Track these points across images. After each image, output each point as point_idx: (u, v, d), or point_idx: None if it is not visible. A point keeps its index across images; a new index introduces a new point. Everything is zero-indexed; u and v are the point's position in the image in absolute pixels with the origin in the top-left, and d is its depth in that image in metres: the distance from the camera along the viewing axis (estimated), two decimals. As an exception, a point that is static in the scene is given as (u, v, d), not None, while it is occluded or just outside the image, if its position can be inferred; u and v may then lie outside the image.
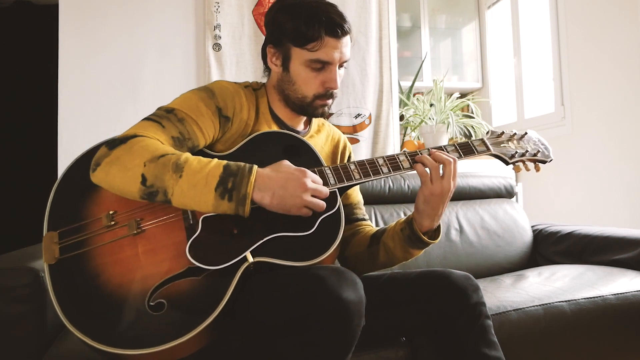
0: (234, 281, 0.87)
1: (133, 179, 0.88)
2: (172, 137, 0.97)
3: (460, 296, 1.03)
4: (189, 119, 1.00)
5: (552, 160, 1.18)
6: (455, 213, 1.85)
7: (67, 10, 2.27)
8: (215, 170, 0.89)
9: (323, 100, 1.09)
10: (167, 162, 0.89)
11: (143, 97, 2.32)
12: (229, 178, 0.88)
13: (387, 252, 1.14)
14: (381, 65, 2.63)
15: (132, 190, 0.89)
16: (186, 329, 0.83)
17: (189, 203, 0.89)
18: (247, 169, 0.90)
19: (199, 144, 1.01)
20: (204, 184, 0.88)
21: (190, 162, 0.89)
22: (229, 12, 2.43)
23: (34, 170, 3.09)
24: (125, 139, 0.92)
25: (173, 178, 0.87)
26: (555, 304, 1.25)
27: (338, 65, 1.07)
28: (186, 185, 0.87)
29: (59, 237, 0.93)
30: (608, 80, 2.39)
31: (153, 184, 0.88)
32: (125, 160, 0.89)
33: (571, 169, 2.57)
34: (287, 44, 1.06)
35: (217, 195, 0.87)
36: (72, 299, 0.88)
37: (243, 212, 0.88)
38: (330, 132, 1.26)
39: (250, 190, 0.88)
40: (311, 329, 0.82)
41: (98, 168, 0.91)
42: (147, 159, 0.89)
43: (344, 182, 1.01)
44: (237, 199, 0.87)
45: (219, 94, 1.05)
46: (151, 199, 0.89)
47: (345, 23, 1.05)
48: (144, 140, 0.92)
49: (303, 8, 1.04)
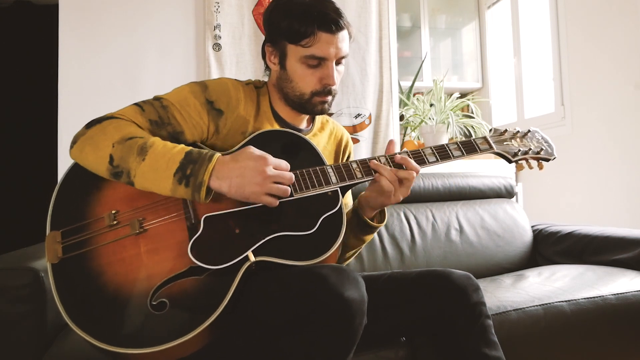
0: (235, 280, 0.88)
1: (102, 158, 0.93)
2: (150, 119, 1.00)
3: (461, 296, 1.03)
4: (173, 107, 1.02)
5: (555, 158, 1.18)
6: (455, 213, 1.85)
7: (67, 10, 2.27)
8: (177, 155, 0.91)
9: (321, 97, 1.09)
10: (134, 145, 0.92)
11: (143, 97, 2.27)
12: (188, 164, 0.90)
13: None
14: (381, 65, 2.63)
15: (101, 169, 0.93)
16: (188, 328, 0.83)
17: (149, 186, 0.91)
18: (207, 157, 0.91)
19: (182, 130, 1.02)
20: (165, 168, 0.90)
21: (155, 146, 0.92)
22: (229, 12, 2.44)
23: (34, 170, 3.09)
24: (101, 119, 0.98)
25: (137, 160, 0.91)
26: (555, 304, 1.25)
27: (335, 61, 1.07)
28: (147, 168, 0.90)
29: (62, 236, 0.93)
30: (608, 80, 2.39)
31: (119, 164, 0.91)
32: (98, 139, 0.94)
33: (571, 169, 2.57)
34: (282, 42, 1.07)
35: (175, 181, 0.89)
36: (75, 298, 0.88)
37: (199, 198, 0.90)
38: (334, 129, 1.26)
39: (207, 178, 0.89)
40: (313, 328, 0.82)
41: (74, 145, 0.96)
42: (116, 140, 0.93)
43: (346, 181, 1.01)
44: (193, 185, 0.89)
45: (212, 88, 1.06)
46: (117, 178, 0.93)
47: (341, 18, 1.04)
48: (118, 122, 0.97)
49: (297, 5, 1.04)
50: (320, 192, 0.99)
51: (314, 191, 0.99)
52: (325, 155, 1.18)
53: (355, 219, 1.13)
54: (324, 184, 1.00)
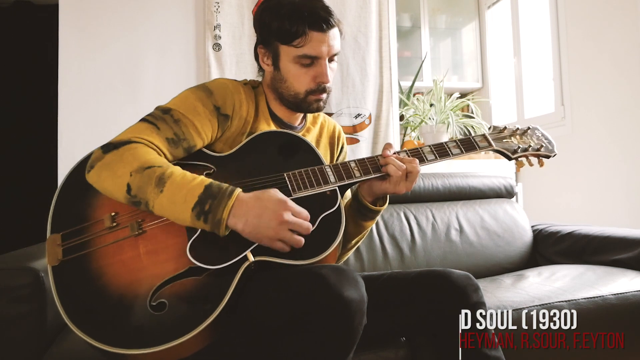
0: (234, 280, 0.88)
1: (120, 186, 0.90)
2: (167, 138, 0.98)
3: (460, 296, 1.03)
4: (185, 119, 1.00)
5: (556, 154, 1.17)
6: (455, 213, 1.85)
7: (67, 10, 2.27)
8: (196, 189, 0.89)
9: (316, 95, 1.09)
10: (152, 175, 0.90)
11: (143, 97, 2.32)
12: (207, 200, 0.88)
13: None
14: (381, 65, 2.63)
15: (119, 196, 0.92)
16: (188, 329, 0.83)
17: (168, 216, 0.91)
18: (227, 193, 0.89)
19: (195, 144, 1.01)
20: (183, 202, 0.88)
21: (174, 178, 0.90)
22: (229, 12, 2.43)
23: (34, 170, 3.09)
24: (118, 144, 0.94)
25: (154, 192, 0.89)
26: (555, 304, 1.25)
27: (328, 59, 1.07)
28: (166, 201, 0.89)
29: (62, 239, 0.93)
30: (608, 80, 2.39)
31: (136, 194, 0.90)
32: (116, 166, 0.92)
33: (571, 169, 2.57)
34: (274, 43, 1.07)
35: (193, 216, 0.88)
36: (75, 300, 0.88)
37: (219, 233, 0.89)
38: (325, 122, 1.27)
39: (226, 216, 0.88)
40: (313, 328, 0.82)
41: (92, 170, 0.94)
42: (134, 168, 0.90)
43: (344, 180, 1.02)
44: (212, 222, 0.88)
45: (217, 93, 1.06)
46: (135, 207, 0.92)
47: (331, 16, 1.05)
48: (136, 148, 0.94)
49: (287, 6, 1.04)
50: (318, 192, 0.99)
51: (313, 190, 0.99)
52: (321, 148, 1.19)
53: (355, 203, 1.13)
54: (322, 183, 1.00)
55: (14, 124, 3.29)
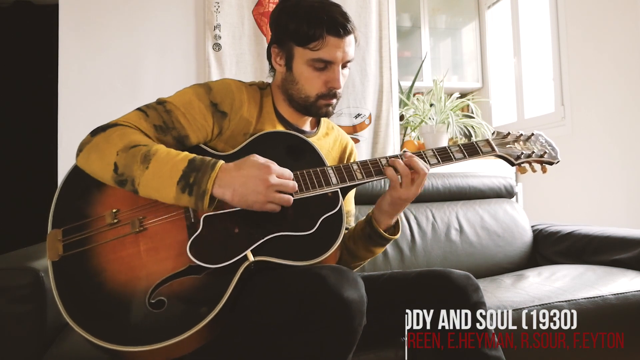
0: (234, 280, 0.88)
1: (107, 166, 0.92)
2: (154, 125, 1.00)
3: (460, 296, 1.03)
4: (177, 110, 1.02)
5: (559, 161, 1.17)
6: (455, 213, 1.85)
7: (67, 10, 2.27)
8: (180, 163, 0.91)
9: (326, 100, 1.09)
10: (137, 153, 0.92)
11: (143, 97, 2.29)
12: (191, 173, 0.90)
13: (349, 253, 1.17)
14: (381, 65, 2.63)
15: (107, 177, 0.93)
16: (186, 327, 0.83)
17: (153, 194, 0.91)
18: (210, 164, 0.91)
19: (187, 134, 1.02)
20: (168, 177, 0.89)
21: (159, 154, 0.92)
22: (229, 12, 2.43)
23: (34, 170, 3.09)
24: (106, 127, 0.97)
25: (140, 168, 0.90)
26: (555, 304, 1.25)
27: (341, 65, 1.07)
28: (151, 176, 0.90)
29: (63, 234, 0.93)
30: (608, 80, 2.39)
31: (123, 172, 0.91)
32: (103, 147, 0.94)
33: (571, 169, 2.57)
34: (290, 44, 1.07)
35: (178, 189, 0.89)
36: (74, 296, 0.88)
37: (202, 206, 0.89)
38: (339, 136, 1.26)
39: (210, 187, 0.89)
40: (312, 328, 0.82)
41: (80, 153, 0.96)
42: (120, 148, 0.92)
43: (346, 182, 1.01)
44: (196, 194, 0.89)
45: (216, 90, 1.06)
46: (122, 186, 0.93)
47: (349, 23, 1.06)
48: (122, 129, 0.96)
49: (305, 8, 1.04)
50: (320, 193, 0.99)
51: (314, 192, 0.99)
52: (330, 160, 1.18)
53: (367, 229, 1.12)
54: (324, 184, 1.00)
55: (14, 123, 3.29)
